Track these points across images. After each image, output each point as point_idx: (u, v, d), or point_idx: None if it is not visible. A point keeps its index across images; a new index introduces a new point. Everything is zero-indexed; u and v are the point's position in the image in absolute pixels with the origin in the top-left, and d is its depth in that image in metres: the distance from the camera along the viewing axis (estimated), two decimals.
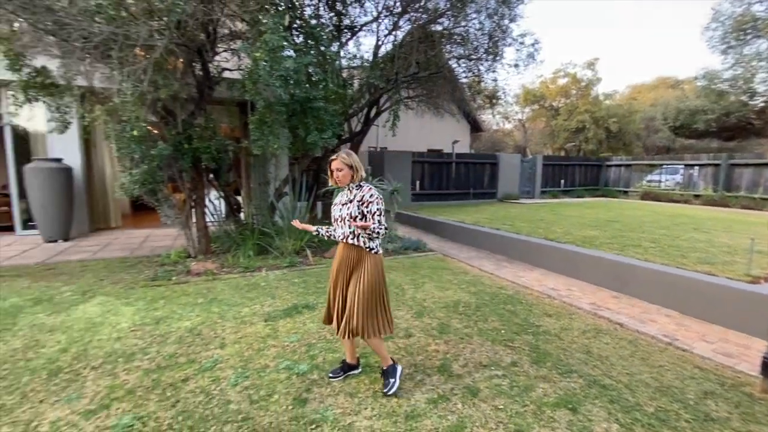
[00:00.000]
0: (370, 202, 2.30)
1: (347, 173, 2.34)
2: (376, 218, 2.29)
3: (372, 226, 2.25)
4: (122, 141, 4.66)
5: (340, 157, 2.35)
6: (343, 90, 5.82)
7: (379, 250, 2.41)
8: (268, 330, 3.30)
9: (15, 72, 4.88)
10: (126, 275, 4.93)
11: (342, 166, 2.33)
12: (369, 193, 2.32)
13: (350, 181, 2.36)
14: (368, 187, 2.36)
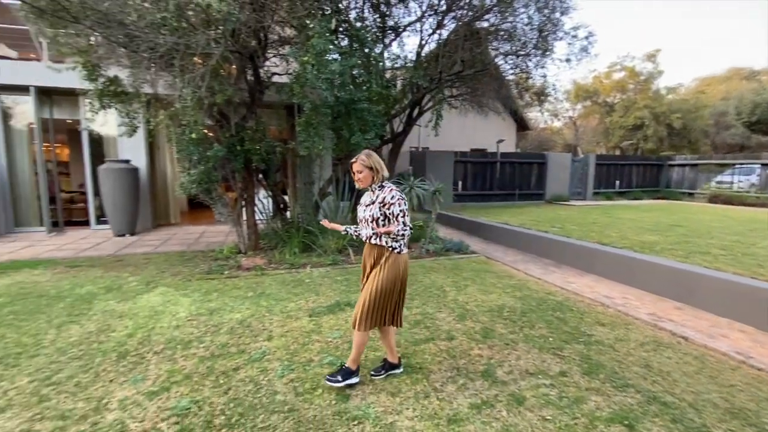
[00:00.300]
0: (391, 204, 2.28)
1: (368, 175, 2.33)
2: (400, 220, 2.27)
3: (395, 229, 2.26)
4: (182, 143, 5.01)
5: (360, 159, 2.34)
6: (387, 91, 5.85)
7: (403, 249, 2.38)
8: (312, 325, 3.40)
9: (92, 82, 5.41)
10: (184, 268, 5.29)
11: (362, 168, 2.33)
12: (390, 195, 2.29)
13: (371, 182, 2.36)
14: (389, 188, 2.33)
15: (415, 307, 3.88)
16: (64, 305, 3.82)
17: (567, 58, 7.94)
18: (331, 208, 6.60)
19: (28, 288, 4.33)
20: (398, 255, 2.35)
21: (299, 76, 4.88)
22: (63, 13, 4.32)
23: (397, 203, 2.27)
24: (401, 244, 2.36)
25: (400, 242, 2.35)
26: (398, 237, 2.30)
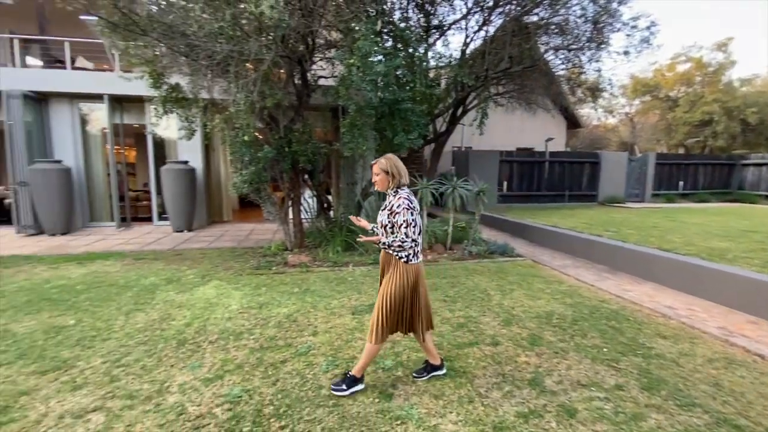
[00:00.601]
0: (397, 213, 2.21)
1: (383, 178, 2.29)
2: (402, 230, 2.20)
3: (384, 239, 2.25)
4: (235, 145, 5.29)
5: (379, 161, 2.31)
6: (430, 90, 5.81)
7: (412, 259, 2.30)
8: (355, 323, 3.45)
9: (156, 89, 5.86)
10: (235, 263, 5.59)
11: (378, 170, 2.29)
12: (398, 203, 2.22)
13: (387, 186, 2.31)
14: (399, 196, 2.25)
15: (458, 309, 3.81)
16: (131, 294, 4.18)
17: (625, 51, 7.42)
18: (373, 208, 6.67)
19: (101, 277, 4.78)
20: (406, 264, 2.27)
21: (344, 78, 4.98)
22: (133, 26, 4.72)
23: (402, 212, 2.19)
24: (409, 254, 2.27)
25: (407, 252, 2.26)
26: (395, 248, 2.24)
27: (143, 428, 2.06)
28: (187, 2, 4.44)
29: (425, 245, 6.24)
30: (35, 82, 7.86)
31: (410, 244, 2.21)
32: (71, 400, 2.30)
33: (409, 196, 2.26)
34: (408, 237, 2.20)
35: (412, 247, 2.24)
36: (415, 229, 2.23)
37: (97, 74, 8.50)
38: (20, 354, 2.83)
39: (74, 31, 9.41)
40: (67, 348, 2.94)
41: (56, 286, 4.40)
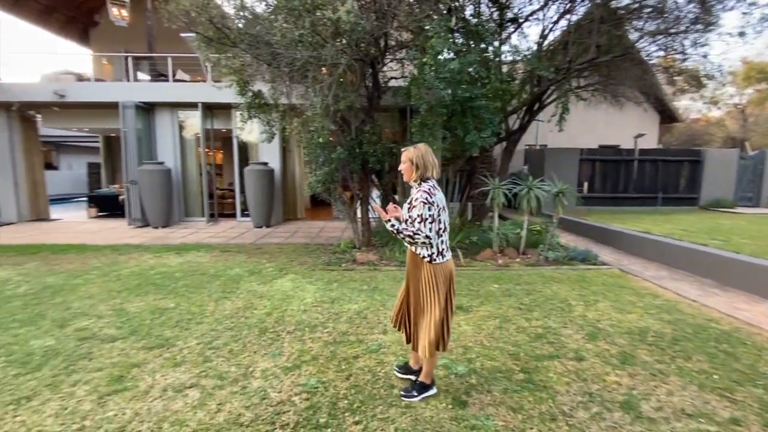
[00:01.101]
0: (413, 206, 2.09)
1: (408, 168, 2.17)
2: (416, 224, 2.05)
3: (396, 225, 2.05)
4: (311, 147, 5.56)
5: (407, 150, 2.20)
6: (506, 86, 5.54)
7: (437, 259, 2.15)
8: None
9: (242, 96, 6.38)
10: (308, 259, 5.87)
11: (404, 159, 2.19)
12: (416, 195, 2.10)
13: (410, 177, 2.19)
14: (420, 189, 2.11)
15: (535, 319, 3.57)
16: (219, 283, 4.59)
17: (741, 32, 6.35)
18: None
19: (194, 266, 5.33)
20: (430, 264, 2.15)
21: (416, 77, 4.96)
22: (225, 39, 5.19)
23: (418, 206, 2.05)
24: (431, 252, 2.14)
25: (426, 249, 2.13)
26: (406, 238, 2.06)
27: (232, 408, 2.23)
28: (271, 14, 4.76)
29: (496, 248, 5.98)
30: (144, 94, 9.03)
31: (422, 239, 2.05)
32: (172, 375, 2.57)
33: (430, 190, 2.10)
34: (421, 232, 2.04)
35: (425, 243, 2.08)
36: (433, 225, 2.07)
37: (193, 85, 9.52)
38: (132, 330, 3.25)
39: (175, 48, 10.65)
40: (168, 328, 3.31)
41: (159, 272, 5.00)
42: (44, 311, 3.64)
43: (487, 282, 4.69)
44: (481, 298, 4.10)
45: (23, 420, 2.11)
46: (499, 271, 5.22)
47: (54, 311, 3.65)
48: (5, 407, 2.22)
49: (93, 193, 11.49)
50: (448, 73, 4.39)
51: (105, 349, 2.91)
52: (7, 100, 8.75)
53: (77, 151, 20.45)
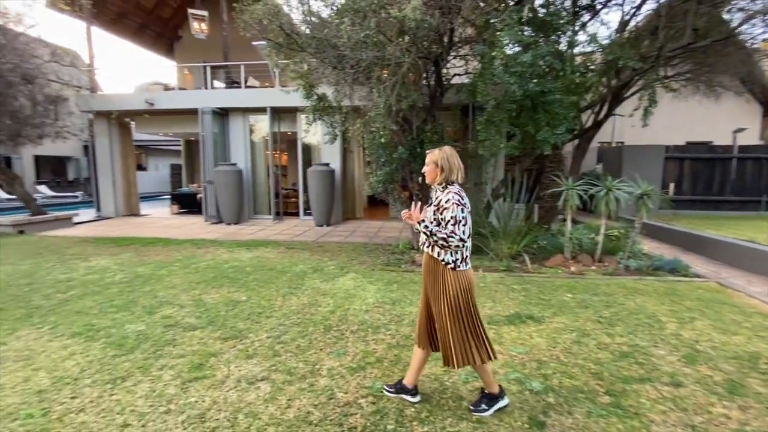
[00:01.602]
0: (445, 208, 1.98)
1: (432, 170, 2.09)
2: (450, 227, 1.94)
3: (429, 226, 1.96)
4: (372, 147, 5.57)
5: (432, 152, 2.12)
6: (583, 78, 5.11)
7: (461, 266, 2.04)
8: (492, 334, 3.22)
9: (307, 99, 6.59)
10: (367, 258, 5.90)
11: (428, 161, 2.10)
12: (446, 197, 1.99)
13: (434, 179, 2.09)
14: (449, 190, 2.01)
15: (618, 335, 3.22)
16: (285, 279, 4.76)
17: None
18: (504, 211, 6.22)
19: (263, 262, 5.60)
20: (453, 271, 2.03)
21: (482, 73, 4.75)
22: (293, 45, 5.38)
23: (450, 208, 1.95)
24: (456, 258, 2.02)
25: (451, 254, 2.02)
26: (440, 243, 1.95)
27: (301, 405, 2.26)
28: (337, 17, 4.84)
29: (568, 255, 5.54)
30: (220, 100, 9.74)
31: (456, 242, 1.93)
32: (245, 367, 2.69)
33: (460, 192, 2.03)
34: (456, 235, 1.92)
35: (459, 247, 1.96)
36: (465, 229, 1.96)
37: (262, 90, 10.08)
38: (210, 321, 3.47)
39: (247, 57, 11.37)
40: (241, 320, 3.49)
41: (232, 266, 5.33)
42: (136, 298, 4.03)
43: (559, 291, 4.35)
44: (554, 309, 3.79)
45: (118, 399, 2.32)
46: (572, 279, 4.82)
47: (144, 299, 4.02)
48: (104, 385, 2.46)
49: (175, 192, 12.68)
50: (519, 66, 4.13)
51: (186, 337, 3.13)
52: (108, 109, 9.96)
53: (162, 154, 22.78)
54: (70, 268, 5.20)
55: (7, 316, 3.55)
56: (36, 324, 3.37)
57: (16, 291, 4.27)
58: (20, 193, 8.83)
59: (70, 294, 4.16)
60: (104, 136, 10.41)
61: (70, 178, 20.17)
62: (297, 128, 9.89)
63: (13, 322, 3.43)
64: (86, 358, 2.79)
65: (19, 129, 8.19)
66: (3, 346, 2.97)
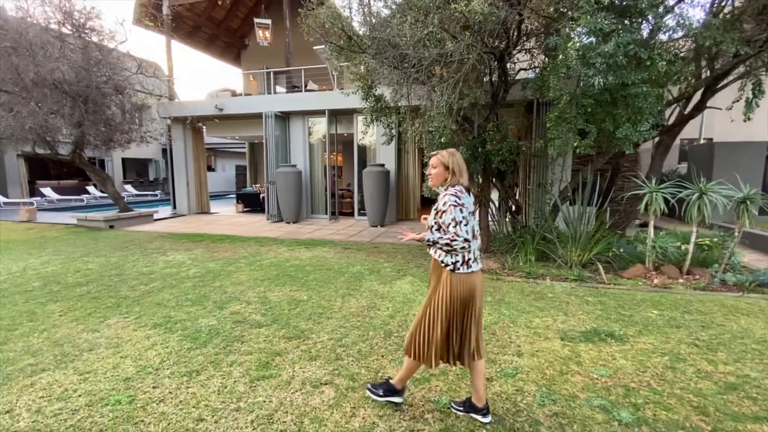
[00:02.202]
0: (443, 212, 1.95)
1: (440, 173, 2.06)
2: (451, 230, 1.89)
3: (431, 237, 1.98)
4: (431, 147, 5.42)
5: (440, 154, 2.09)
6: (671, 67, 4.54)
7: (461, 268, 1.98)
8: (567, 351, 2.94)
9: (365, 101, 6.61)
10: (424, 261, 5.77)
11: (437, 163, 2.08)
12: (443, 200, 1.96)
13: (442, 183, 2.07)
14: (445, 193, 1.99)
15: (721, 362, 2.78)
16: (344, 279, 4.79)
17: None
18: (573, 215, 5.75)
19: (321, 261, 5.70)
20: (452, 273, 1.98)
21: (555, 66, 4.40)
22: (354, 47, 5.40)
23: (448, 210, 1.92)
24: (456, 261, 1.98)
25: (453, 257, 1.98)
26: (445, 248, 1.93)
27: (365, 414, 2.20)
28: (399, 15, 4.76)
29: (649, 265, 4.98)
30: (282, 104, 10.15)
31: (461, 244, 1.88)
32: (309, 369, 2.69)
33: (457, 193, 1.97)
34: (459, 236, 1.87)
35: (464, 248, 1.91)
36: (467, 228, 1.90)
37: (321, 93, 10.32)
38: (274, 319, 3.56)
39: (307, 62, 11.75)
40: (303, 320, 3.54)
41: (293, 265, 5.48)
42: (207, 293, 4.28)
43: (641, 306, 3.89)
44: (638, 326, 3.39)
45: (194, 392, 2.42)
46: (657, 293, 4.31)
47: (215, 294, 4.25)
48: (181, 377, 2.59)
49: (240, 192, 13.48)
50: (599, 57, 3.74)
51: (253, 334, 3.23)
52: (184, 115, 10.82)
53: (228, 156, 24.43)
54: (152, 262, 5.68)
55: (100, 305, 3.93)
56: (123, 313, 3.69)
57: (108, 282, 4.73)
58: (111, 192, 9.89)
59: (151, 286, 4.52)
60: (180, 140, 11.33)
61: (151, 178, 22.35)
62: (353, 130, 10.02)
63: (104, 310, 3.78)
64: (165, 349, 2.98)
65: (111, 135, 9.17)
66: (96, 333, 3.27)
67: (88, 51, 8.48)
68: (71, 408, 2.27)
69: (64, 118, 8.32)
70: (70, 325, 3.44)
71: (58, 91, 8.06)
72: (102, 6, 26.87)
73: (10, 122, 7.68)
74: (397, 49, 4.82)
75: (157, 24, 11.22)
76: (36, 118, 7.73)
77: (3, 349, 2.99)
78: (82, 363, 2.78)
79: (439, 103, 4.89)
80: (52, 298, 4.12)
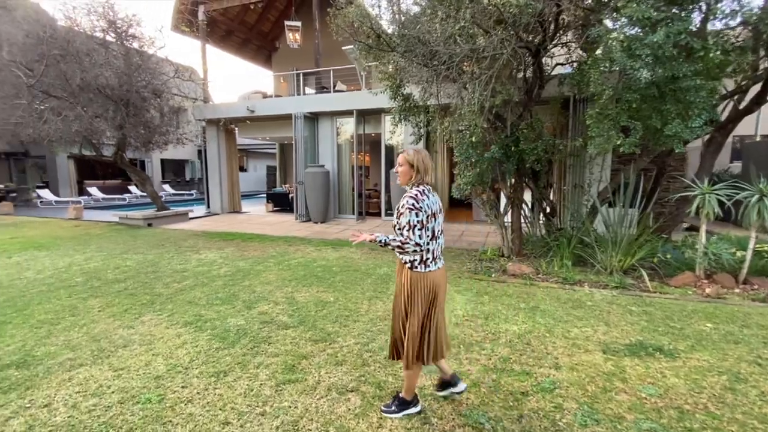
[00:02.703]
0: (401, 213, 1.99)
1: (406, 171, 2.07)
2: (405, 233, 1.95)
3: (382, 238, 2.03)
4: (462, 147, 5.26)
5: (406, 151, 2.10)
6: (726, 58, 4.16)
7: (420, 267, 2.04)
8: (611, 366, 2.72)
9: (393, 100, 6.51)
10: (453, 264, 5.61)
11: (402, 161, 2.09)
12: (402, 201, 2.00)
13: (408, 181, 2.08)
14: (406, 194, 2.02)
15: None
16: (370, 281, 4.72)
17: None
18: (613, 217, 5.40)
19: (348, 262, 5.67)
20: (411, 272, 2.05)
21: (596, 60, 4.14)
22: (384, 45, 5.32)
23: (405, 213, 1.96)
24: (415, 260, 2.04)
25: (415, 256, 2.03)
26: (396, 249, 2.00)
27: (392, 426, 2.11)
28: (430, 11, 4.64)
29: (700, 272, 4.60)
30: (311, 106, 10.24)
31: (412, 247, 1.94)
32: (335, 374, 2.63)
33: (417, 195, 1.99)
34: (411, 240, 1.93)
35: (416, 251, 1.97)
36: (422, 232, 1.95)
37: (349, 94, 10.33)
38: (301, 320, 3.54)
39: (335, 63, 11.81)
40: (329, 322, 3.49)
41: (320, 265, 5.48)
42: (237, 292, 4.33)
43: (693, 318, 3.58)
44: (690, 341, 3.11)
45: (221, 394, 2.42)
46: (710, 303, 3.96)
47: (243, 293, 4.30)
48: (209, 378, 2.60)
49: (270, 192, 13.75)
50: (647, 48, 3.46)
51: (280, 336, 3.22)
52: (217, 117, 11.15)
53: (259, 157, 25.06)
54: (185, 260, 5.85)
55: (135, 301, 4.06)
56: (157, 311, 3.79)
57: (144, 278, 4.90)
58: (150, 192, 10.34)
59: (184, 284, 4.64)
60: (213, 141, 11.68)
61: (187, 178, 23.29)
62: (381, 129, 9.95)
63: (140, 307, 3.90)
64: (195, 348, 3.01)
65: (150, 137, 9.58)
66: (131, 329, 3.37)
67: (130, 57, 8.89)
68: (105, 404, 2.31)
69: (108, 121, 8.77)
70: (108, 320, 3.56)
71: (102, 95, 8.49)
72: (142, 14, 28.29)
73: (59, 125, 8.16)
74: (427, 46, 4.70)
75: (193, 29, 11.62)
76: (82, 121, 8.18)
77: (46, 342, 3.13)
78: (116, 359, 2.85)
79: (471, 100, 4.73)
80: (93, 294, 4.31)
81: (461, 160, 5.62)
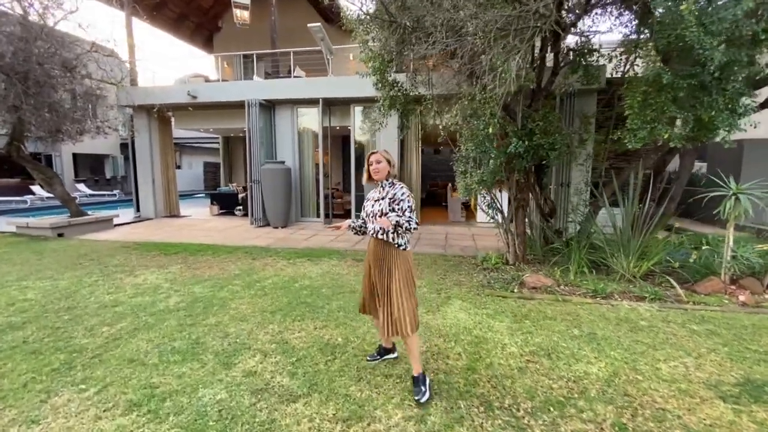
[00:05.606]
0: (401, 200, 2.26)
1: (385, 167, 2.32)
2: (407, 214, 2.23)
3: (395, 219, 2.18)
4: (476, 140, 4.49)
5: (381, 151, 2.36)
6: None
7: (407, 246, 2.35)
8: (747, 420, 2.07)
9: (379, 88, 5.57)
10: (459, 276, 4.83)
11: (381, 158, 2.33)
12: (401, 192, 2.30)
13: (386, 176, 2.34)
14: (400, 186, 2.33)
15: None
16: None
17: None
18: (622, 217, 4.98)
19: (337, 280, 4.62)
20: (404, 252, 2.33)
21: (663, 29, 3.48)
22: (384, 14, 4.34)
23: (406, 199, 2.26)
24: (407, 240, 2.35)
25: (405, 237, 2.33)
26: (401, 230, 2.22)
27: None
28: None
29: (725, 278, 4.29)
30: (267, 92, 8.85)
31: (415, 226, 2.21)
32: None
33: (404, 186, 2.34)
34: (412, 220, 2.21)
35: (415, 229, 2.23)
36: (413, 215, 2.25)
37: (314, 79, 9.10)
38: (310, 382, 2.46)
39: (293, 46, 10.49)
40: (352, 381, 2.47)
41: (304, 286, 4.36)
42: (202, 337, 3.10)
43: (764, 336, 3.13)
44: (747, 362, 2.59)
45: None
46: (755, 314, 3.58)
47: (212, 338, 3.08)
48: None
49: (215, 192, 11.98)
50: (726, 23, 2.92)
51: (287, 415, 2.14)
52: (150, 103, 9.27)
53: (195, 152, 22.44)
54: (116, 286, 4.37)
55: (41, 365, 2.67)
56: (78, 382, 2.46)
57: (54, 320, 3.43)
58: (60, 193, 8.24)
59: (118, 327, 3.27)
60: (144, 132, 9.75)
61: (108, 176, 20.07)
62: (350, 122, 8.89)
63: (48, 376, 2.53)
64: None
65: (59, 124, 7.55)
66: (31, 430, 2.05)
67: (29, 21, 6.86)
68: None
69: None
70: None
71: None
72: None
73: None
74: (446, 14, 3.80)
75: None
76: None
77: None
78: None
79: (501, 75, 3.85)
80: None
81: (471, 156, 4.84)
